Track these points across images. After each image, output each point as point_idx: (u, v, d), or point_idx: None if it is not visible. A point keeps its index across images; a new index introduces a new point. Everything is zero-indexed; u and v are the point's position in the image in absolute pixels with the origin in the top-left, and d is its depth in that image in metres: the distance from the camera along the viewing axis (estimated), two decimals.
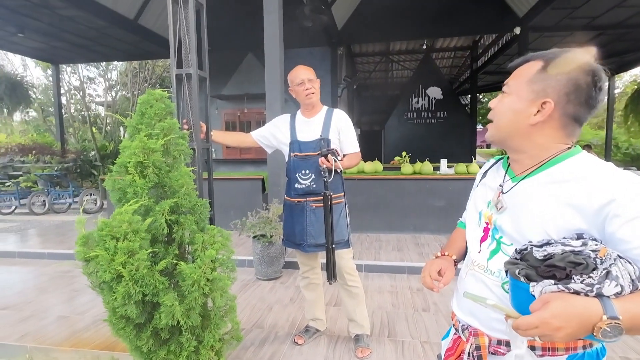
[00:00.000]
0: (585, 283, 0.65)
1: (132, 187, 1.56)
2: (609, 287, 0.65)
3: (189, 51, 2.07)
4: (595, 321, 0.63)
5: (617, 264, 0.67)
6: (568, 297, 0.66)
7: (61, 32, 7.75)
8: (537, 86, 0.81)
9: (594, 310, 0.63)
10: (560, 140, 0.83)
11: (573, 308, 0.64)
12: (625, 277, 0.66)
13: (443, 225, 4.93)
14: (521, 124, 0.83)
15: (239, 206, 5.23)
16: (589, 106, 0.79)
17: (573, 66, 0.78)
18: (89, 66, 13.17)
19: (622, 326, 0.62)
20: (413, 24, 8.64)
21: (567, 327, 0.64)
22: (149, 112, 1.67)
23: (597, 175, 0.75)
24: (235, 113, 9.45)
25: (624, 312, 0.63)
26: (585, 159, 0.80)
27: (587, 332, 0.64)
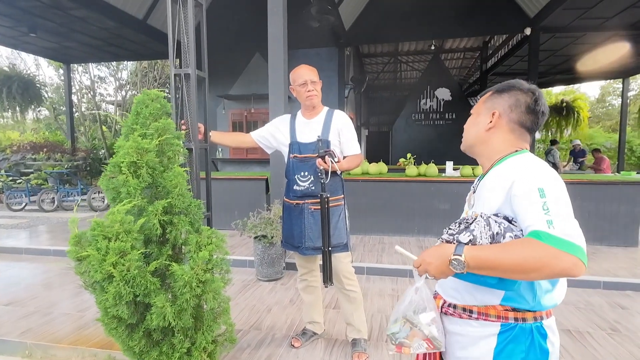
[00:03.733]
0: (449, 233, 0.94)
1: (125, 187, 1.56)
2: (463, 236, 0.90)
3: (188, 51, 2.07)
4: (448, 256, 0.88)
5: (479, 222, 0.90)
6: (441, 244, 0.93)
7: (72, 32, 7.88)
8: (489, 104, 1.08)
9: (449, 250, 0.89)
10: (512, 143, 1.03)
11: (438, 249, 0.92)
12: (484, 232, 0.89)
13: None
14: (480, 132, 1.08)
15: (242, 206, 5.23)
16: (531, 114, 1.02)
17: (512, 89, 1.04)
18: (100, 66, 13.35)
19: (463, 260, 0.85)
20: (422, 24, 8.57)
21: (434, 262, 0.91)
22: (144, 112, 1.67)
23: (513, 166, 0.96)
24: (242, 113, 9.48)
25: (469, 253, 0.86)
26: (521, 157, 0.98)
27: (446, 265, 0.88)
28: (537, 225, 0.82)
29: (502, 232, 0.88)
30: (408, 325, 0.99)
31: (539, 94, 1.02)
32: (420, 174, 5.11)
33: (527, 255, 0.80)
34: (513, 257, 0.81)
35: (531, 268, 0.80)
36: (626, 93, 11.68)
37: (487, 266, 0.85)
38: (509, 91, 1.04)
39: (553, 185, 0.88)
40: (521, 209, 0.88)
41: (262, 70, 8.98)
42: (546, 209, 0.83)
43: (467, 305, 1.00)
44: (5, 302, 3.13)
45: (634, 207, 4.48)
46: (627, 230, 4.50)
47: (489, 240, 0.88)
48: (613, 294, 3.27)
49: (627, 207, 4.48)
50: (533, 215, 0.84)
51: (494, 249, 0.85)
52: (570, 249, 0.78)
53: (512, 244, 0.84)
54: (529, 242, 0.81)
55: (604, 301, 3.12)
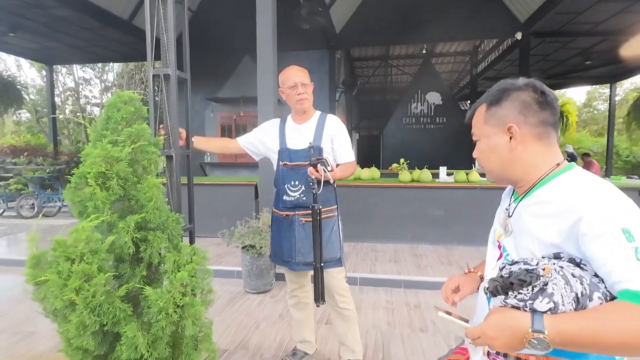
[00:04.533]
0: (518, 299, 0.71)
1: (92, 201, 1.38)
2: (540, 303, 0.69)
3: (168, 50, 1.90)
4: (524, 333, 0.68)
5: (557, 280, 0.69)
6: (505, 310, 0.73)
7: (55, 32, 7.61)
8: (493, 121, 0.90)
9: (523, 323, 0.69)
10: (543, 152, 0.87)
11: (505, 321, 0.71)
12: (565, 294, 0.69)
13: (442, 235, 4.75)
14: (504, 155, 0.89)
15: (230, 213, 5.04)
16: (546, 107, 0.86)
17: (508, 92, 0.88)
18: (85, 67, 13.02)
19: (547, 340, 0.67)
20: (413, 28, 8.51)
21: (501, 337, 0.71)
22: (115, 116, 1.50)
23: (569, 194, 0.78)
24: (231, 116, 9.29)
25: (552, 327, 0.67)
26: (568, 178, 0.82)
27: (520, 342, 0.69)
28: (633, 282, 0.66)
29: (587, 293, 0.69)
30: None
31: (539, 83, 0.88)
32: (413, 180, 4.99)
33: (632, 329, 0.63)
34: (614, 331, 0.64)
35: (637, 345, 0.63)
36: (614, 98, 11.81)
37: (579, 343, 0.67)
38: (508, 96, 0.88)
39: (636, 218, 0.71)
40: (601, 257, 0.70)
41: (251, 72, 8.80)
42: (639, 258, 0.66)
43: (522, 355, 0.81)
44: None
45: None
46: None
47: (573, 305, 0.68)
48: None
49: None
50: (624, 269, 0.67)
51: (586, 320, 0.66)
52: None
53: (608, 311, 0.66)
54: (631, 310, 0.64)
55: None
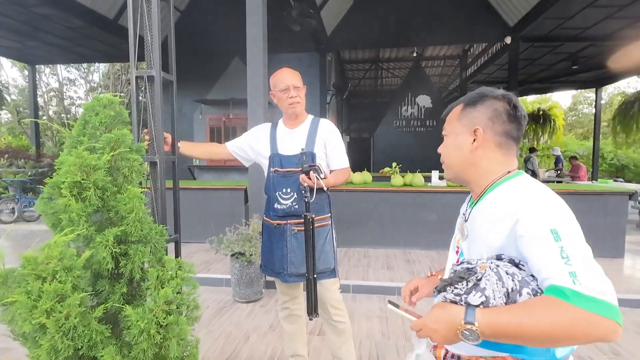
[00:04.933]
0: (455, 293, 0.77)
1: (66, 213, 1.27)
2: (473, 297, 0.74)
3: (152, 50, 1.79)
4: (457, 325, 0.73)
5: (490, 276, 0.75)
6: (445, 305, 0.78)
7: (37, 31, 7.38)
8: (465, 121, 0.95)
9: (458, 316, 0.74)
10: (500, 161, 0.92)
11: (444, 313, 0.77)
12: (497, 289, 0.74)
13: (435, 240, 4.70)
14: (465, 154, 0.94)
15: (220, 218, 4.92)
16: (514, 121, 0.91)
17: (485, 98, 0.93)
18: (69, 67, 12.70)
19: (478, 331, 0.71)
20: (403, 31, 8.51)
21: (439, 329, 0.77)
22: (93, 120, 1.39)
23: (510, 198, 0.83)
24: (221, 118, 9.14)
25: (483, 319, 0.72)
26: (513, 184, 0.87)
27: (454, 334, 0.74)
28: (559, 279, 0.70)
29: (517, 289, 0.75)
30: None
31: (512, 98, 0.93)
32: (406, 184, 4.94)
33: (555, 322, 0.67)
34: (539, 323, 0.68)
35: (562, 337, 0.68)
36: (599, 102, 12.01)
37: (507, 334, 0.72)
38: (483, 101, 0.93)
39: (568, 223, 0.76)
40: (533, 256, 0.76)
41: (241, 74, 8.69)
42: (565, 257, 0.71)
43: (474, 357, 0.87)
44: None
45: (619, 217, 4.45)
46: (613, 242, 4.45)
47: (504, 299, 0.75)
48: None
49: (613, 217, 4.44)
50: (551, 266, 0.72)
51: (513, 314, 0.71)
52: (606, 311, 0.66)
53: (534, 305, 0.71)
54: (555, 304, 0.69)
55: None
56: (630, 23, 7.31)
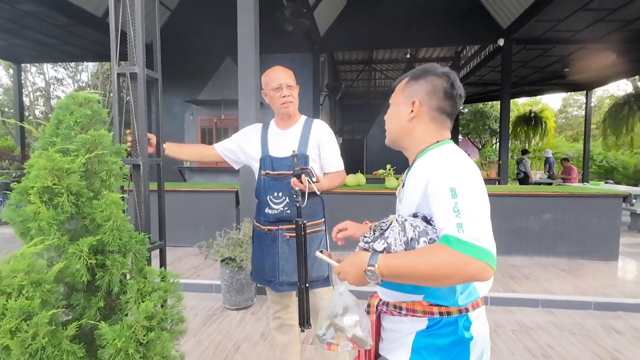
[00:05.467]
0: (364, 241, 0.92)
1: (36, 222, 1.16)
2: (377, 244, 0.89)
3: (134, 46, 1.68)
4: (363, 267, 0.87)
5: (394, 228, 0.89)
6: (358, 252, 0.92)
7: (22, 29, 7.17)
8: (407, 92, 1.04)
9: (364, 260, 0.88)
10: (432, 132, 1.01)
11: (355, 258, 0.91)
12: (398, 238, 0.87)
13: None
14: (402, 123, 1.04)
15: (210, 221, 4.80)
16: (449, 99, 0.99)
17: (428, 74, 1.01)
18: (57, 66, 12.43)
19: (377, 272, 0.85)
20: (396, 32, 8.47)
21: (352, 272, 0.91)
22: (67, 120, 1.28)
23: (428, 163, 0.93)
24: (212, 119, 9.00)
25: (382, 262, 0.85)
26: (434, 152, 0.96)
27: (362, 275, 0.88)
28: (448, 229, 0.82)
29: (416, 237, 0.88)
30: (333, 328, 1.02)
31: (454, 77, 1.01)
32: None
33: (436, 263, 0.79)
34: (424, 265, 0.80)
35: (442, 275, 0.79)
36: (590, 105, 12.11)
37: (400, 275, 0.84)
38: (425, 77, 1.02)
39: (466, 183, 0.86)
40: (435, 211, 0.87)
41: (233, 75, 8.56)
42: (457, 211, 0.82)
43: (398, 302, 1.00)
44: None
45: (614, 219, 4.43)
46: (607, 244, 4.43)
47: (404, 246, 0.88)
48: (605, 315, 3.11)
49: (607, 219, 4.42)
50: (445, 218, 0.83)
51: (406, 257, 0.84)
52: (479, 253, 0.78)
53: (423, 251, 0.84)
54: (439, 248, 0.81)
55: (597, 324, 2.95)
56: (620, 26, 7.36)
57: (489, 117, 18.37)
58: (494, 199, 4.55)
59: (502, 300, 3.32)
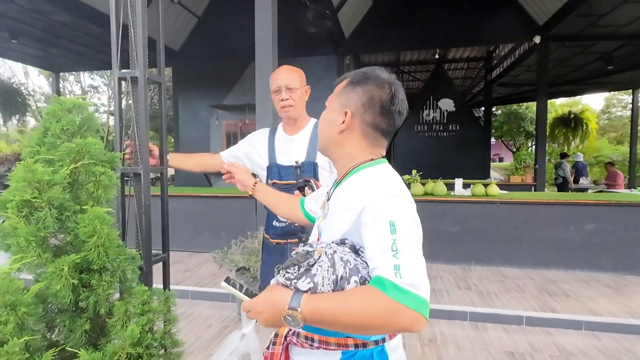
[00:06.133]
0: (286, 277, 0.76)
1: (14, 238, 1.07)
2: (302, 283, 0.74)
3: (135, 48, 1.60)
4: (281, 310, 0.73)
5: (323, 263, 0.75)
6: (275, 288, 0.78)
7: (57, 38, 7.49)
8: (342, 98, 0.91)
9: (283, 301, 0.74)
10: (365, 149, 0.91)
11: (271, 297, 0.77)
12: (327, 276, 0.74)
13: (457, 253, 4.36)
14: (333, 132, 0.92)
15: (230, 227, 4.74)
16: (386, 115, 0.88)
17: (368, 81, 0.88)
18: (93, 75, 12.98)
19: (299, 317, 0.72)
20: (425, 33, 8.19)
21: (265, 312, 0.78)
22: (53, 127, 1.19)
23: (361, 185, 0.84)
24: (237, 124, 9.04)
25: (306, 305, 0.72)
26: (370, 171, 0.87)
27: (278, 318, 0.75)
28: (384, 270, 0.72)
29: (346, 276, 0.77)
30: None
31: (395, 89, 0.89)
32: (427, 193, 4.62)
33: (368, 311, 0.70)
34: (354, 312, 0.71)
35: (372, 325, 0.71)
36: (636, 104, 11.25)
37: (325, 321, 0.74)
38: (364, 85, 0.89)
39: (406, 217, 0.78)
40: (368, 244, 0.77)
41: None
42: (395, 250, 0.73)
43: (309, 334, 0.89)
44: None
45: None
46: None
47: (332, 286, 0.76)
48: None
49: None
50: (380, 257, 0.74)
51: (335, 301, 0.73)
52: (414, 303, 0.69)
53: (353, 294, 0.74)
54: (371, 294, 0.71)
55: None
56: None
57: (524, 118, 17.55)
58: (529, 207, 4.25)
59: (539, 321, 3.02)
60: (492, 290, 3.57)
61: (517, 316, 3.04)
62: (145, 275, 1.48)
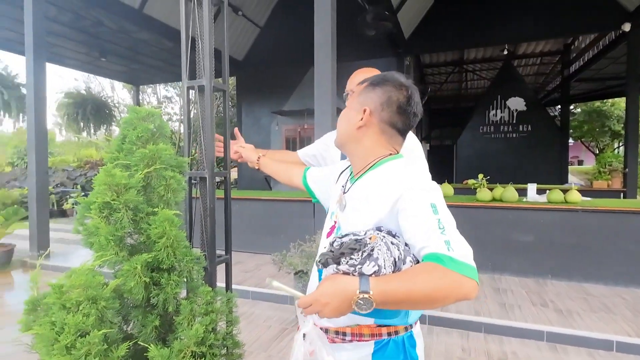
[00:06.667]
0: (349, 264, 0.77)
1: (96, 237, 1.17)
2: (367, 267, 0.76)
3: (203, 59, 1.69)
4: (352, 295, 0.73)
5: (381, 247, 0.79)
6: (336, 277, 0.78)
7: (138, 55, 8.27)
8: (362, 98, 0.98)
9: (352, 287, 0.74)
10: (382, 144, 0.97)
11: (337, 285, 0.76)
12: (387, 258, 0.78)
13: (531, 266, 3.98)
14: (351, 129, 0.98)
15: (290, 230, 4.83)
16: (402, 114, 0.95)
17: (387, 83, 0.95)
18: (167, 86, 14.15)
19: (372, 299, 0.73)
20: (492, 28, 7.69)
21: (332, 303, 0.75)
22: (130, 135, 1.28)
23: (394, 175, 0.90)
24: (296, 129, 9.24)
25: (376, 287, 0.73)
26: (394, 164, 0.94)
27: (348, 305, 0.74)
28: (437, 247, 0.76)
29: (402, 257, 0.81)
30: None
31: (411, 92, 0.95)
32: (495, 199, 4.30)
33: (434, 284, 0.73)
34: (423, 287, 0.73)
35: (439, 297, 0.73)
36: None
37: (396, 300, 0.75)
38: (383, 86, 0.96)
39: (441, 198, 0.86)
40: (413, 227, 0.81)
41: None
42: (442, 228, 0.78)
43: (340, 328, 0.93)
44: None
45: None
46: None
47: (392, 268, 0.78)
48: None
49: None
50: (430, 236, 0.78)
51: (402, 280, 0.75)
52: (470, 272, 0.74)
53: (418, 271, 0.76)
54: (434, 268, 0.74)
55: None
56: None
57: (609, 116, 15.68)
58: (619, 216, 3.75)
59: (635, 348, 2.63)
60: (574, 309, 3.19)
61: (606, 340, 2.68)
62: (209, 275, 1.54)
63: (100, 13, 6.10)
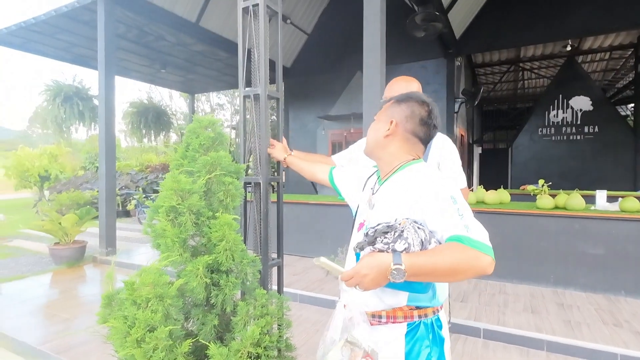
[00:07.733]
0: (384, 242, 0.94)
1: (163, 238, 1.25)
2: (399, 244, 0.92)
3: (258, 68, 1.75)
4: (387, 267, 0.88)
5: (409, 229, 0.94)
6: (373, 254, 0.93)
7: (194, 65, 8.76)
8: (389, 112, 1.15)
9: (387, 260, 0.89)
10: (406, 150, 1.12)
11: (374, 260, 0.91)
12: (415, 238, 0.92)
13: (600, 281, 3.64)
14: (379, 137, 1.14)
15: (336, 234, 4.84)
16: (424, 126, 1.11)
17: (411, 100, 1.12)
18: (219, 94, 14.84)
19: (403, 269, 0.87)
20: (552, 22, 7.18)
21: (370, 274, 0.90)
22: (194, 143, 1.36)
23: (414, 179, 1.04)
24: (342, 133, 9.26)
25: (407, 261, 0.88)
26: (418, 167, 1.08)
27: (384, 276, 0.89)
28: (457, 230, 0.90)
29: (428, 238, 0.94)
30: (348, 347, 0.97)
31: (432, 108, 1.11)
32: (558, 207, 3.99)
33: (455, 259, 0.87)
34: (446, 261, 0.87)
35: (460, 270, 0.87)
36: None
37: (424, 272, 0.89)
38: (407, 102, 1.11)
39: (458, 192, 1.00)
40: (436, 216, 0.95)
41: (361, 88, 8.66)
42: (461, 215, 0.93)
43: (377, 311, 1.05)
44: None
45: None
46: None
47: (420, 246, 0.92)
48: None
49: None
50: (451, 221, 0.92)
51: (428, 255, 0.89)
52: (487, 249, 0.88)
53: (442, 249, 0.90)
54: (457, 246, 0.88)
55: None
56: None
57: None
58: None
59: None
60: None
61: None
62: (263, 278, 1.59)
63: (161, 28, 6.56)
